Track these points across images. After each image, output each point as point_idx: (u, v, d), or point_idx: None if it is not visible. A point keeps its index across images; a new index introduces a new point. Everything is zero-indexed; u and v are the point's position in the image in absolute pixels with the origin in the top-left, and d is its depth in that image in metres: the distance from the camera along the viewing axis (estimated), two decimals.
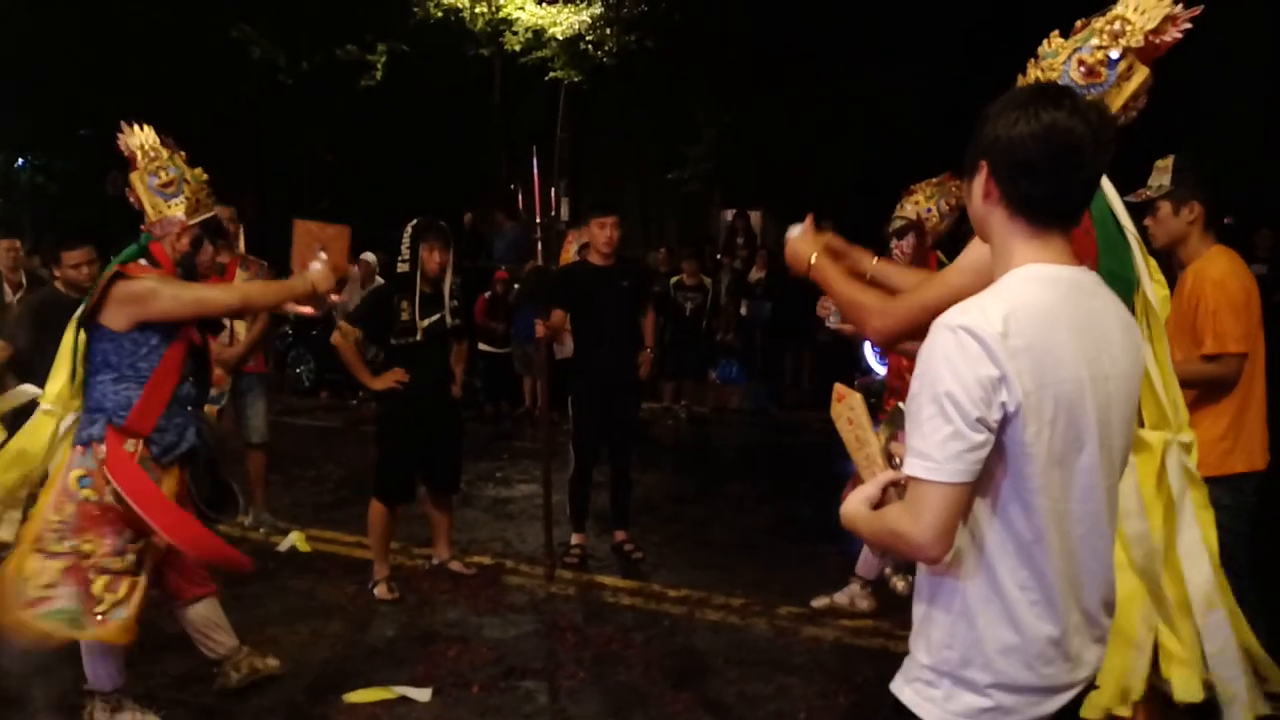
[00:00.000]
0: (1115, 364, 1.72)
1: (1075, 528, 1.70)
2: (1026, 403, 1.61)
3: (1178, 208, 3.73)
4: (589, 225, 5.92)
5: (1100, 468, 1.71)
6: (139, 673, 4.29)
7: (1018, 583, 1.69)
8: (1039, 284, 1.69)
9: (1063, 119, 1.66)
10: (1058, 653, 1.71)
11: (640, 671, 4.41)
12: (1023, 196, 1.71)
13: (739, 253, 13.54)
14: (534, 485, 7.86)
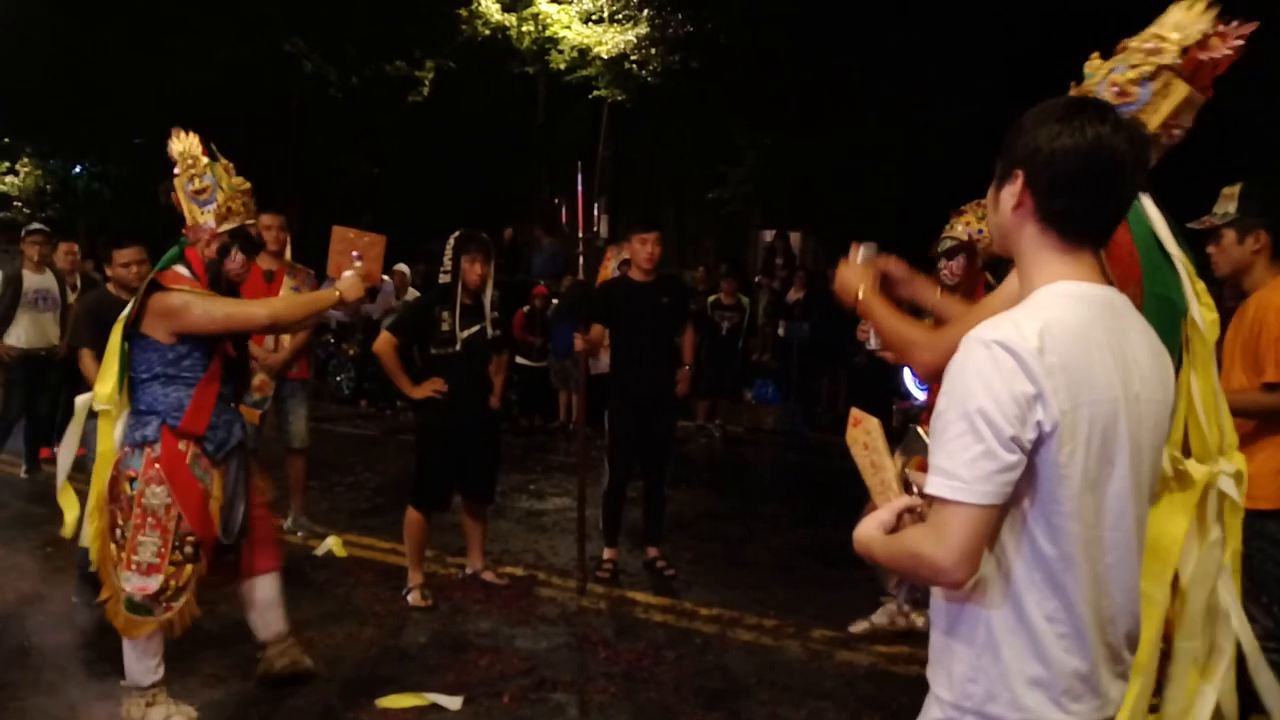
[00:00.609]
0: (1145, 386, 1.66)
1: (1105, 556, 1.63)
2: (1063, 422, 1.54)
3: (1243, 236, 3.67)
4: (630, 241, 5.94)
5: (1131, 493, 1.64)
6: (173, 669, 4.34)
7: (1045, 614, 1.61)
8: (1072, 301, 1.63)
9: (1107, 135, 1.61)
10: (1086, 688, 1.64)
11: (671, 689, 4.40)
12: (1059, 212, 1.65)
13: (777, 273, 13.54)
14: (567, 499, 7.89)
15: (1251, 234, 3.66)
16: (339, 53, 13.76)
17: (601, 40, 14.90)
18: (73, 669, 4.40)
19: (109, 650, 4.53)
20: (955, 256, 4.70)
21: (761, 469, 10.55)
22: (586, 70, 15.19)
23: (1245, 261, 3.70)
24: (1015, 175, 1.68)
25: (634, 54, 14.68)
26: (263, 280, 5.98)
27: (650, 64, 14.68)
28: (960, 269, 4.68)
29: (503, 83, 15.85)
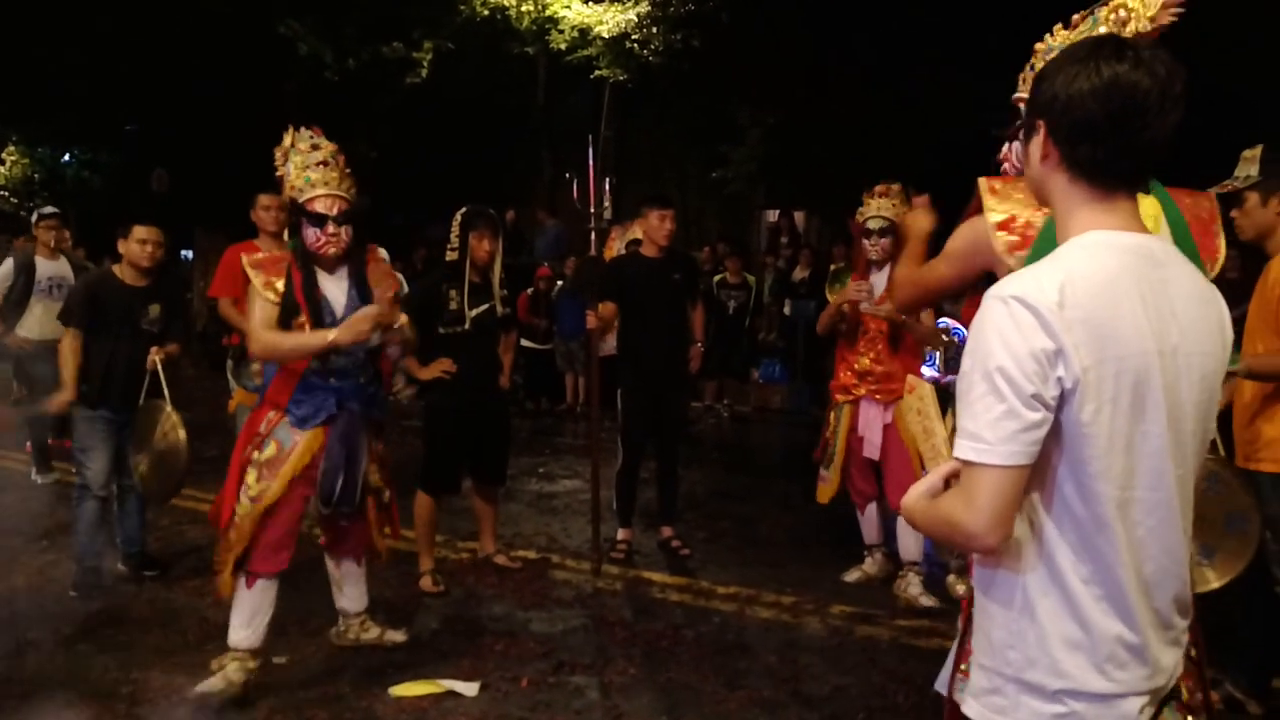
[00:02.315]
0: (1186, 338, 1.57)
1: (1146, 518, 1.56)
2: (1085, 379, 1.48)
3: (1266, 198, 3.63)
4: (646, 216, 5.80)
5: (1169, 451, 1.55)
6: (181, 658, 4.26)
7: (1081, 576, 1.55)
8: (1100, 250, 1.56)
9: (1125, 72, 1.53)
10: (1131, 655, 1.56)
11: (692, 668, 4.30)
12: (1084, 159, 1.59)
13: (782, 252, 13.41)
14: (577, 480, 7.79)
15: (1276, 195, 3.62)
16: (335, 35, 13.57)
17: (602, 20, 14.72)
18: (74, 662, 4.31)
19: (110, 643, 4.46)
20: (886, 235, 5.14)
21: (770, 448, 10.44)
22: (587, 50, 15.01)
23: (1269, 224, 3.66)
24: (1038, 126, 1.63)
25: (635, 33, 14.50)
26: None
27: (652, 43, 14.51)
28: (889, 247, 5.13)
29: (502, 63, 15.66)
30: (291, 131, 4.02)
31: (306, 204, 3.90)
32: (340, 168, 3.98)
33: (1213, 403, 1.65)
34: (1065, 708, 1.57)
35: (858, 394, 5.27)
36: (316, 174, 3.92)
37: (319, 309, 3.93)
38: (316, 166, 3.93)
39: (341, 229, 3.93)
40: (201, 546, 5.85)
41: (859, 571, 5.47)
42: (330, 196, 3.91)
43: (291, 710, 3.86)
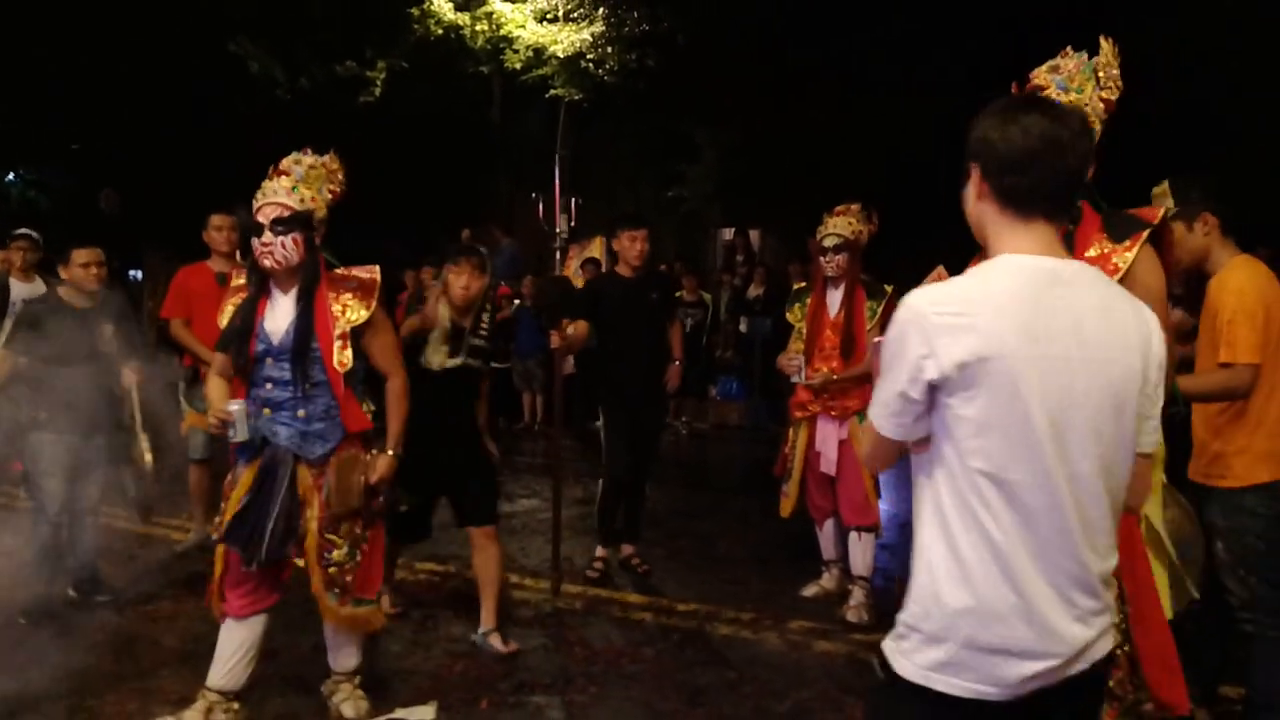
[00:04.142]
0: (1086, 348, 1.78)
1: (1031, 500, 1.76)
2: (955, 375, 1.75)
3: (1190, 224, 3.71)
4: (619, 236, 5.78)
5: (1050, 442, 1.75)
6: (134, 687, 4.19)
7: (969, 544, 1.79)
8: (1003, 269, 1.83)
9: (1044, 122, 1.82)
10: (1020, 619, 1.77)
11: (652, 685, 4.30)
12: (1010, 188, 1.85)
13: (738, 270, 13.50)
14: (536, 500, 7.78)
15: (1198, 220, 3.71)
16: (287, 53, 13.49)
17: (557, 39, 14.78)
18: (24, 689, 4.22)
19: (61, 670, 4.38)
20: (841, 252, 5.25)
21: (729, 465, 10.49)
22: (542, 69, 15.07)
23: (1201, 248, 3.75)
24: (972, 169, 1.90)
25: (590, 53, 14.58)
26: (215, 283, 5.80)
27: (607, 63, 14.60)
28: (844, 264, 5.23)
29: (457, 83, 15.66)
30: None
31: (253, 215, 3.69)
32: (305, 177, 3.72)
33: (1127, 405, 1.84)
34: (951, 656, 1.81)
35: (814, 410, 5.33)
36: (270, 184, 3.71)
37: (245, 336, 3.73)
38: (275, 177, 3.73)
39: (278, 239, 3.61)
40: (155, 571, 5.76)
41: (817, 587, 5.51)
42: (270, 205, 3.64)
43: None
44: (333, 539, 3.75)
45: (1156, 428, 1.90)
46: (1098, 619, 1.84)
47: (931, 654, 1.83)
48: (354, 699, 3.99)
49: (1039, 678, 1.79)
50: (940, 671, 1.82)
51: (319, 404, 3.73)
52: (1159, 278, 2.60)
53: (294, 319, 3.72)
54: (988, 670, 1.79)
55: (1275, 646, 3.61)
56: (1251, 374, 3.59)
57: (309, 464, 3.74)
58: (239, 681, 3.83)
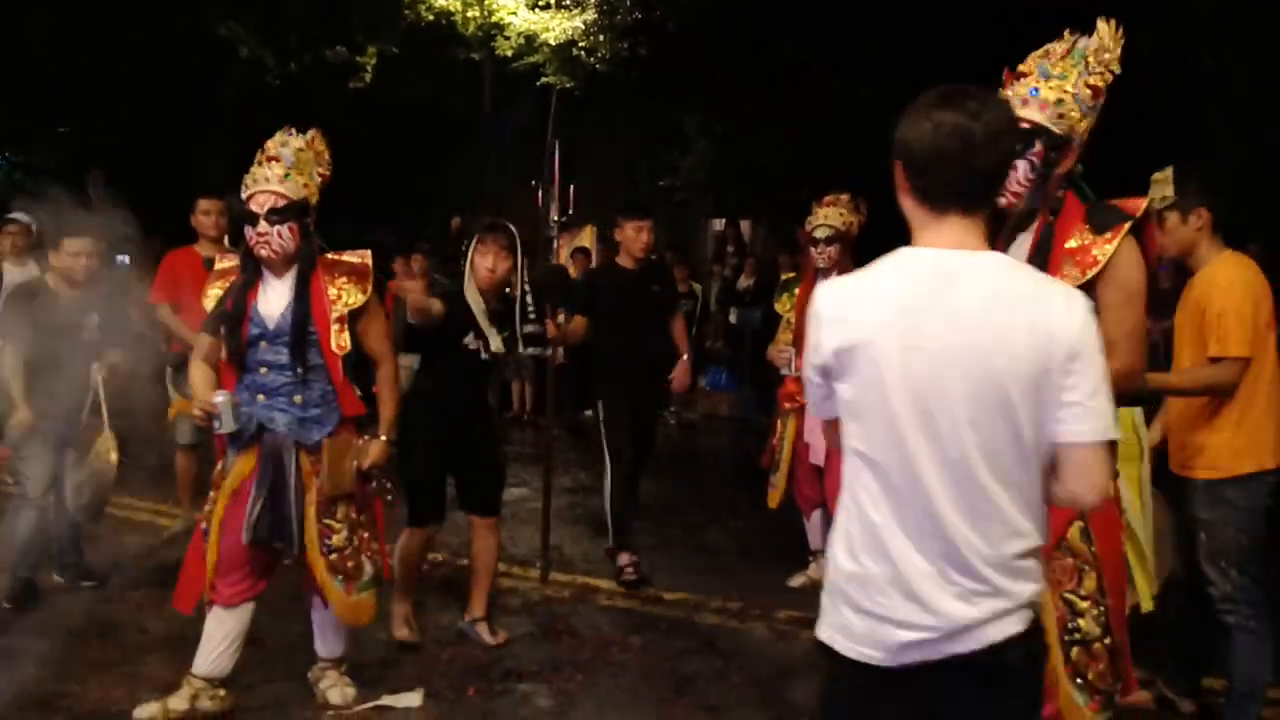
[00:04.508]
0: (959, 339, 1.84)
1: (897, 481, 1.87)
2: (835, 361, 1.91)
3: (1185, 216, 3.73)
4: (622, 226, 5.65)
5: (912, 427, 1.85)
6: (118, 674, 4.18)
7: (855, 517, 1.93)
8: (892, 263, 1.94)
9: (952, 118, 1.87)
10: (897, 590, 1.87)
11: (640, 675, 4.32)
12: (922, 187, 1.93)
13: (728, 261, 13.51)
14: (525, 489, 7.78)
15: (1193, 213, 3.74)
16: (277, 38, 13.39)
17: (548, 26, 14.68)
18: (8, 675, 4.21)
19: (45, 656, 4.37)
20: (833, 244, 5.23)
21: (718, 455, 10.50)
22: (534, 57, 14.98)
23: (1191, 240, 3.77)
24: (896, 165, 1.97)
25: (582, 40, 14.49)
26: (203, 268, 5.76)
27: (599, 51, 14.51)
28: (836, 255, 5.24)
29: (448, 69, 15.58)
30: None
31: (246, 202, 3.67)
32: (296, 164, 3.69)
33: (1018, 397, 1.83)
34: (842, 618, 1.94)
35: (802, 401, 5.33)
36: (261, 170, 3.68)
37: (238, 319, 3.71)
38: (266, 162, 3.69)
39: (274, 229, 3.62)
40: (141, 557, 5.75)
41: (804, 576, 5.53)
42: (264, 193, 3.63)
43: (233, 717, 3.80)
44: (330, 524, 3.75)
45: (1096, 415, 1.85)
46: (986, 600, 1.86)
47: (830, 616, 1.98)
48: (340, 686, 3.99)
49: (915, 648, 1.87)
50: (835, 631, 1.96)
51: (315, 389, 3.72)
52: (1137, 271, 2.59)
53: (290, 302, 3.71)
54: (870, 635, 1.90)
55: (1255, 638, 3.65)
56: (1241, 368, 3.62)
57: (307, 450, 3.74)
58: (225, 669, 3.82)
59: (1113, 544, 2.65)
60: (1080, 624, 2.61)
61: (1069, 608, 2.62)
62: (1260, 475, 3.67)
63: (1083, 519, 2.62)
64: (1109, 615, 2.62)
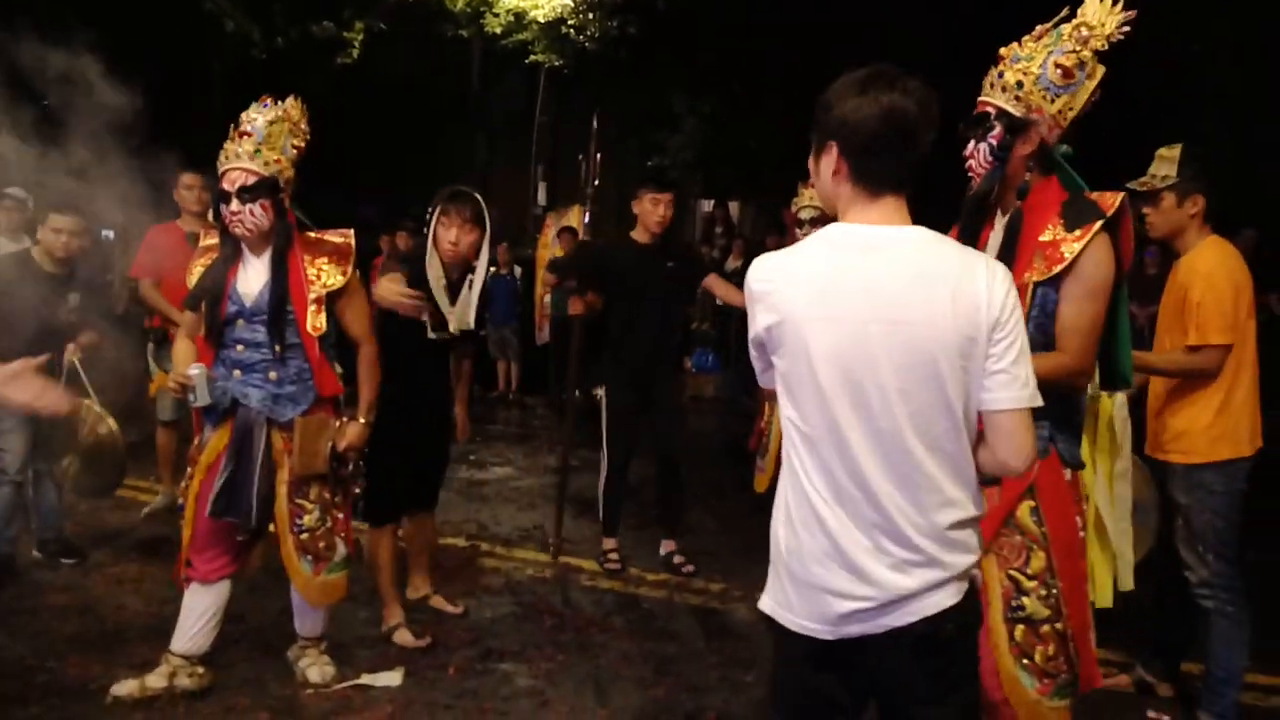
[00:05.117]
0: (881, 311, 1.86)
1: (825, 452, 1.91)
2: (767, 336, 1.95)
3: (1182, 199, 3.72)
4: (640, 198, 5.37)
5: (840, 402, 1.88)
6: (98, 655, 4.16)
7: (792, 488, 1.98)
8: (818, 238, 1.98)
9: (899, 100, 1.89)
10: (834, 561, 1.91)
11: (620, 655, 4.32)
12: (869, 171, 1.94)
13: (717, 242, 13.47)
14: (508, 468, 7.79)
15: (1190, 198, 3.72)
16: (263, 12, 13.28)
17: (538, 4, 14.61)
18: None
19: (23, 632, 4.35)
20: (818, 225, 5.06)
21: (703, 437, 10.48)
22: (523, 34, 14.91)
23: (1181, 224, 3.76)
24: (829, 146, 1.97)
25: (571, 18, 14.43)
26: (185, 243, 5.71)
27: (588, 29, 14.45)
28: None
29: (436, 46, 15.49)
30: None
31: (219, 179, 3.63)
32: (266, 139, 3.60)
33: (945, 367, 1.88)
34: (782, 588, 1.99)
35: None
36: (233, 146, 3.61)
37: (216, 297, 3.68)
38: (238, 138, 3.62)
39: (246, 207, 3.56)
40: (123, 533, 5.72)
41: None
42: (236, 170, 3.57)
43: (212, 698, 3.78)
44: (302, 504, 3.73)
45: (1020, 382, 1.92)
46: (921, 571, 1.90)
47: (772, 589, 2.02)
48: (320, 664, 3.98)
49: (854, 619, 1.91)
50: (777, 605, 2.00)
51: (291, 367, 3.70)
52: (1102, 270, 2.56)
53: (268, 281, 3.68)
54: (810, 607, 1.94)
55: (1232, 622, 3.67)
56: (1222, 355, 3.63)
57: (280, 428, 3.71)
58: (203, 646, 3.80)
59: (1065, 528, 2.64)
60: (1025, 602, 2.59)
61: (1014, 585, 2.61)
62: (1237, 461, 3.68)
63: (1033, 499, 2.62)
64: (1060, 599, 2.60)
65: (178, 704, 3.70)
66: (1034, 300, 2.60)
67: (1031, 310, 2.59)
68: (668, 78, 14.69)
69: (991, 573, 2.64)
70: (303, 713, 3.74)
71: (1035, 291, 2.59)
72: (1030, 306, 2.59)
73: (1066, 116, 2.67)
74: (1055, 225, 2.61)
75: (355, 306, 3.86)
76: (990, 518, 2.65)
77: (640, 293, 5.29)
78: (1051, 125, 2.66)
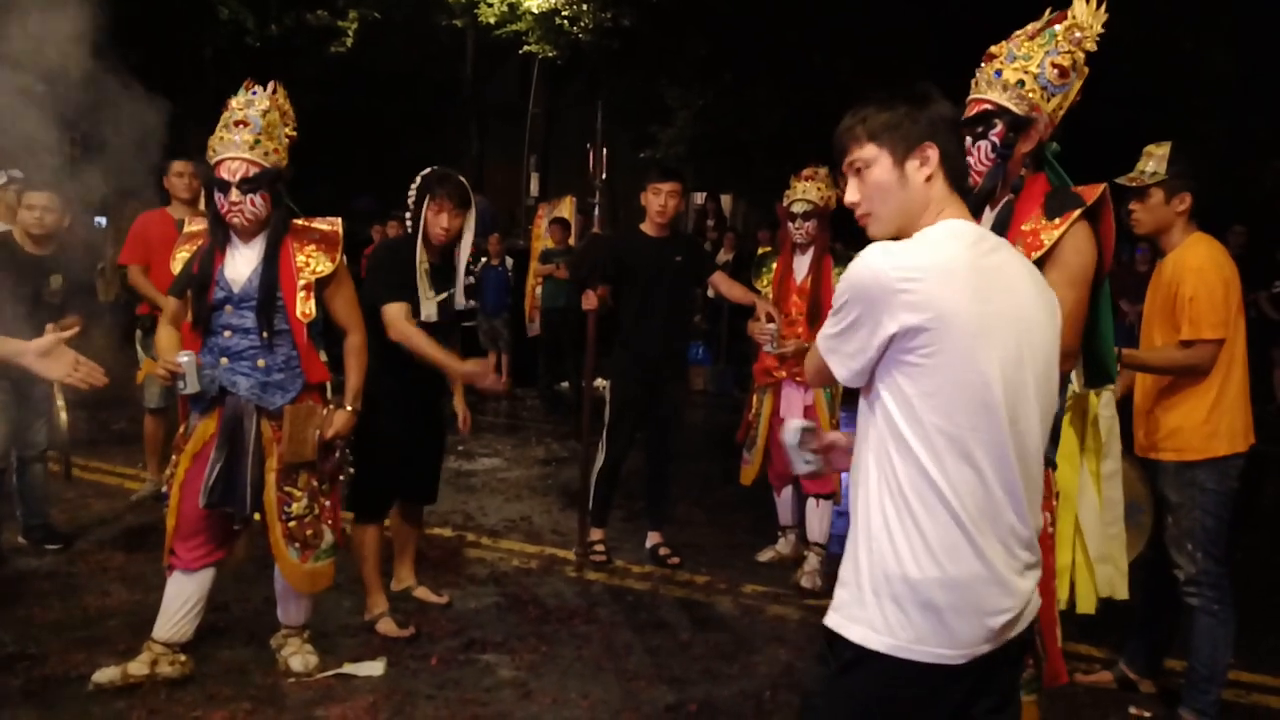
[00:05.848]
0: (1027, 310, 1.91)
1: (987, 462, 1.86)
2: (903, 334, 1.81)
3: (1170, 196, 3.71)
4: (645, 190, 5.32)
5: (1003, 406, 1.85)
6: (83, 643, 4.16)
7: (924, 507, 1.84)
8: (949, 235, 1.89)
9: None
10: (985, 576, 1.86)
11: (604, 647, 4.32)
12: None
13: (708, 235, 13.48)
14: (496, 459, 7.79)
15: (1178, 195, 3.71)
16: None
17: None
18: None
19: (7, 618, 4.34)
20: (810, 219, 5.19)
21: (692, 429, 10.47)
22: (517, 25, 14.87)
23: (1168, 221, 3.75)
24: (926, 148, 1.92)
25: (565, 9, 14.40)
26: (175, 230, 5.68)
27: (582, 20, 14.42)
28: (813, 230, 5.21)
29: (430, 36, 15.46)
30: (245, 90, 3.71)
31: (215, 168, 3.62)
32: (265, 129, 3.62)
33: (1052, 369, 1.95)
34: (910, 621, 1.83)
35: (779, 377, 5.32)
36: (230, 134, 3.61)
37: (204, 283, 3.67)
38: (234, 126, 3.61)
39: (247, 197, 3.58)
40: (108, 520, 5.71)
41: (772, 552, 5.54)
42: (236, 160, 3.57)
43: (194, 685, 3.78)
44: (291, 491, 3.73)
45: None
46: (1034, 573, 1.92)
47: (893, 626, 1.82)
48: (303, 653, 3.97)
49: (997, 635, 1.83)
50: (907, 640, 1.81)
51: (279, 354, 3.70)
52: (1081, 257, 2.59)
53: (258, 268, 3.69)
54: (959, 630, 1.80)
55: (1218, 620, 3.67)
56: (1214, 350, 3.63)
57: (269, 415, 3.71)
58: (186, 634, 3.80)
59: None
60: None
61: None
62: (1231, 458, 3.67)
63: None
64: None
65: (159, 691, 3.69)
66: None
67: None
68: (660, 69, 14.67)
69: None
70: (284, 701, 3.73)
71: None
72: None
73: (1057, 116, 2.72)
74: (1037, 216, 2.63)
75: (343, 294, 3.86)
76: None
77: (651, 285, 5.26)
78: (1048, 123, 2.70)
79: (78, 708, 3.60)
